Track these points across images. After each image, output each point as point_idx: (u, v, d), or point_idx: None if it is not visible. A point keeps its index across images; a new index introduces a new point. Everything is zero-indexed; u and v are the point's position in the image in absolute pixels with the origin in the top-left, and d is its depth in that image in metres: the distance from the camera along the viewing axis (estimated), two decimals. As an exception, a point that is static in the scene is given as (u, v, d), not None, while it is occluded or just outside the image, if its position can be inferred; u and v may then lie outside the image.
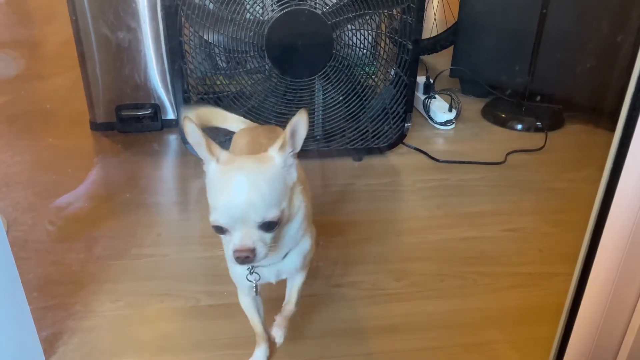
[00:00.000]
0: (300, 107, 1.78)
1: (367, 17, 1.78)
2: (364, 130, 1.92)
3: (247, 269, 0.96)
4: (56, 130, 2.19)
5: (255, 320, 1.10)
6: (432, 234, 1.58)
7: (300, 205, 0.92)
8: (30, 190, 1.76)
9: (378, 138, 1.94)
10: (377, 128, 1.93)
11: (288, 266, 1.00)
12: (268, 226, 0.83)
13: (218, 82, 1.80)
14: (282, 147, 0.86)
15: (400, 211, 1.74)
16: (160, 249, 1.48)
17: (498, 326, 1.25)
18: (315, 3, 1.68)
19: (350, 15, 1.72)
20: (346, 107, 1.87)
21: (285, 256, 0.97)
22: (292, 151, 0.88)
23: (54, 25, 3.12)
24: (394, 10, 1.80)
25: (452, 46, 2.58)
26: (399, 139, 1.97)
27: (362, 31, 1.80)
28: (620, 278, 0.80)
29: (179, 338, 1.21)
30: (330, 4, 1.70)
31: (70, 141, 2.11)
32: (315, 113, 1.87)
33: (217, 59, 1.76)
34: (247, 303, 1.08)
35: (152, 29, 1.98)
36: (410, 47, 1.78)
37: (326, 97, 1.84)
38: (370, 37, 1.82)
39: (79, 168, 1.89)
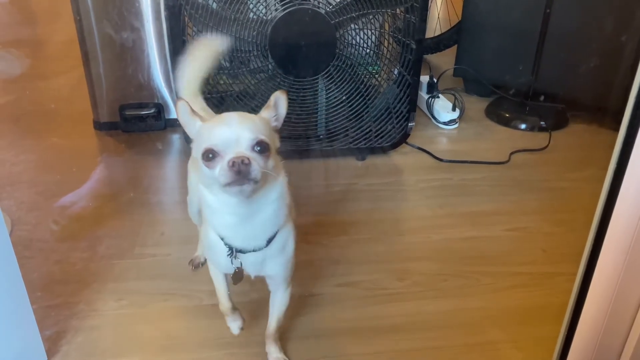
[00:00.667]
0: (304, 107, 1.81)
1: (371, 17, 1.78)
2: (367, 130, 1.92)
3: (228, 254, 0.96)
4: (60, 129, 2.20)
5: (221, 290, 1.10)
6: (435, 234, 1.58)
7: (282, 178, 0.94)
8: (34, 190, 1.76)
9: (381, 137, 1.94)
10: (381, 127, 1.92)
11: (273, 255, 0.98)
12: (260, 149, 0.84)
13: (221, 82, 1.80)
14: (267, 107, 0.92)
15: (402, 211, 1.74)
16: (164, 248, 1.49)
17: (501, 326, 1.25)
18: (319, 2, 1.68)
19: (353, 14, 1.72)
20: (349, 106, 1.87)
21: (269, 242, 0.95)
22: (275, 116, 0.93)
23: (57, 25, 3.12)
24: (398, 9, 1.80)
25: (456, 45, 2.57)
26: (402, 139, 1.97)
27: (365, 30, 1.79)
28: (624, 278, 0.80)
29: (182, 337, 1.21)
30: (334, 4, 1.70)
31: (73, 140, 2.11)
32: (319, 112, 1.87)
33: (220, 58, 1.76)
34: (218, 277, 1.08)
35: (156, 28, 1.98)
36: (414, 46, 1.78)
37: (329, 97, 1.84)
38: (373, 37, 1.82)
39: (82, 167, 1.89)
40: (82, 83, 2.11)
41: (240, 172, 0.81)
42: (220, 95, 1.78)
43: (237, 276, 1.00)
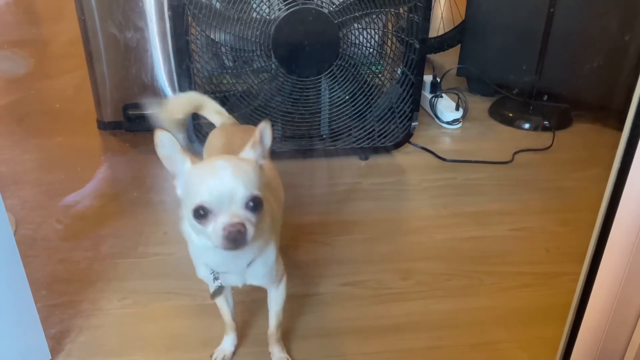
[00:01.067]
0: (307, 106, 1.81)
1: (374, 16, 1.78)
2: (370, 130, 1.92)
3: (211, 273, 0.96)
4: (64, 129, 2.21)
5: (224, 310, 1.12)
6: (439, 234, 1.58)
7: (267, 215, 0.92)
8: (38, 189, 1.77)
9: (384, 137, 1.94)
10: (384, 127, 1.92)
11: (253, 275, 0.99)
12: (254, 206, 0.82)
13: (225, 81, 1.80)
14: (254, 144, 0.87)
15: (406, 210, 1.74)
16: (167, 247, 1.49)
17: (505, 326, 1.25)
18: (322, 2, 1.68)
19: (356, 14, 1.72)
20: (352, 106, 1.87)
21: (249, 265, 0.95)
22: (261, 153, 0.89)
23: (61, 25, 3.13)
24: (401, 8, 1.80)
25: (459, 45, 2.57)
26: (406, 138, 1.97)
27: (368, 30, 1.79)
28: (628, 277, 0.80)
29: (186, 336, 1.21)
30: (337, 3, 1.70)
31: (77, 140, 2.12)
32: (322, 112, 1.87)
33: (224, 58, 1.76)
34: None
35: (159, 28, 1.99)
36: (417, 45, 1.78)
37: (332, 96, 1.84)
38: (376, 36, 1.82)
39: (86, 167, 1.90)
40: (86, 83, 2.11)
41: (235, 240, 0.79)
42: (223, 95, 1.79)
43: (217, 292, 1.00)
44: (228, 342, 1.17)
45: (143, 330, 1.24)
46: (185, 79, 1.74)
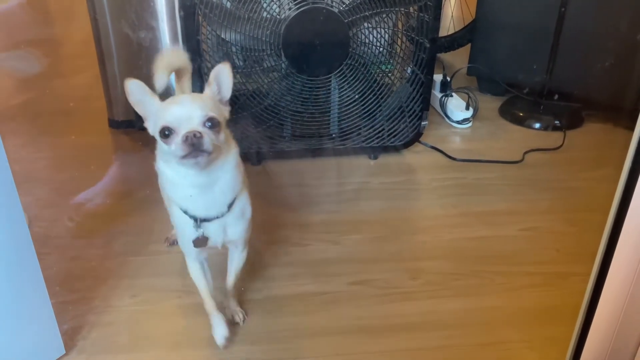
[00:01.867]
0: (317, 106, 1.82)
1: (384, 15, 1.78)
2: (380, 129, 1.92)
3: (194, 225, 1.04)
4: (76, 127, 2.23)
5: (202, 288, 1.16)
6: (448, 233, 1.58)
7: (234, 149, 1.04)
8: (50, 187, 1.79)
9: (394, 136, 1.94)
10: (393, 126, 1.92)
11: (233, 220, 1.07)
12: (211, 125, 0.94)
13: (235, 81, 1.80)
14: (209, 84, 1.01)
15: (416, 210, 1.74)
16: (177, 245, 1.50)
17: (514, 325, 1.25)
18: (332, 1, 1.69)
19: (367, 13, 1.72)
20: (362, 105, 1.87)
21: (230, 207, 1.05)
22: (217, 90, 1.02)
23: (73, 25, 3.16)
24: (411, 8, 1.80)
25: (470, 44, 2.56)
26: (415, 138, 1.97)
27: (378, 29, 1.79)
28: (638, 278, 0.79)
29: (195, 333, 1.22)
30: (347, 2, 1.70)
31: (89, 138, 2.14)
32: (331, 111, 1.88)
33: (234, 57, 1.77)
34: (196, 270, 1.16)
35: (170, 28, 2.00)
36: (428, 45, 1.78)
37: (342, 96, 1.85)
38: (386, 35, 1.82)
39: (98, 165, 1.91)
40: (98, 82, 2.13)
41: (193, 144, 0.91)
42: (233, 94, 1.79)
43: (200, 242, 1.07)
44: (219, 326, 1.16)
45: (153, 327, 1.25)
46: (196, 78, 1.75)
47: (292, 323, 1.24)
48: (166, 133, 0.93)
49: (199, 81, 1.76)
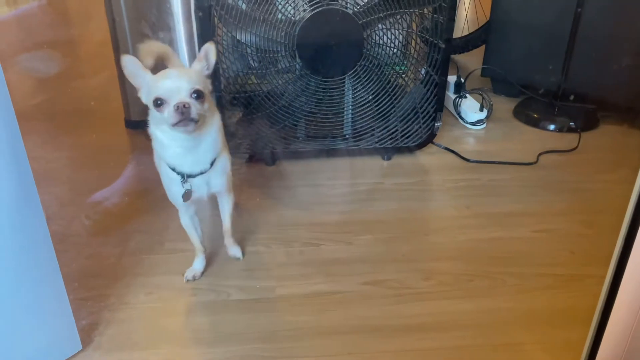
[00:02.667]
0: (331, 106, 1.83)
1: (398, 17, 1.78)
2: (394, 130, 1.92)
3: (181, 180, 1.21)
4: (93, 127, 2.26)
5: (194, 236, 1.38)
6: (461, 234, 1.57)
7: (217, 115, 1.21)
8: (67, 186, 1.82)
9: (408, 137, 1.94)
10: (407, 127, 1.92)
11: (215, 175, 1.25)
12: (197, 96, 1.09)
13: (249, 82, 1.82)
14: (198, 59, 1.16)
15: (429, 210, 1.74)
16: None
17: (528, 327, 1.24)
18: (347, 3, 1.69)
19: (381, 14, 1.72)
20: (376, 106, 1.88)
21: (212, 164, 1.22)
22: (206, 66, 1.17)
23: (91, 26, 3.20)
24: (425, 9, 1.80)
25: (484, 45, 2.55)
26: (429, 139, 1.97)
27: (392, 30, 1.80)
28: (654, 280, 0.79)
29: (210, 331, 1.24)
30: (361, 4, 1.71)
31: (106, 138, 2.17)
32: (345, 112, 1.88)
33: (249, 58, 1.78)
34: (187, 221, 1.36)
35: (186, 29, 2.02)
36: (442, 46, 1.78)
37: (356, 96, 1.85)
38: (400, 37, 1.82)
39: (114, 164, 1.94)
40: (114, 82, 2.16)
41: (182, 113, 1.07)
42: (248, 95, 1.81)
43: (187, 196, 1.24)
44: (198, 263, 1.41)
45: (168, 324, 1.27)
46: (211, 79, 1.77)
47: (304, 322, 1.25)
48: (159, 103, 1.09)
49: (217, 80, 1.77)
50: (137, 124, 2.18)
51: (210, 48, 1.17)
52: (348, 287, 1.36)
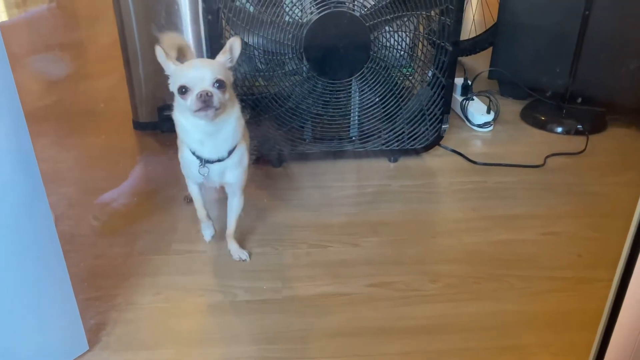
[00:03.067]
0: (337, 108, 1.83)
1: (405, 19, 1.78)
2: (400, 132, 1.92)
3: (199, 165, 1.28)
4: (101, 128, 2.28)
5: (199, 204, 1.43)
6: (468, 236, 1.57)
7: (237, 105, 1.27)
8: (76, 186, 1.83)
9: (414, 139, 1.94)
10: (414, 129, 1.92)
11: (231, 166, 1.31)
12: (219, 86, 1.16)
13: (257, 84, 1.83)
14: (223, 52, 1.23)
15: (435, 213, 1.74)
16: (200, 245, 1.52)
17: (534, 330, 1.24)
18: (354, 5, 1.70)
19: (388, 17, 1.73)
20: (382, 108, 1.88)
21: (230, 153, 1.28)
22: (230, 58, 1.23)
23: (100, 28, 3.23)
24: (433, 11, 1.80)
25: (491, 47, 2.55)
26: (436, 141, 1.97)
27: (399, 33, 1.80)
28: (661, 283, 0.79)
29: (217, 332, 1.24)
30: (369, 6, 1.71)
31: (114, 139, 2.18)
32: (352, 114, 1.89)
33: (257, 61, 1.79)
34: (195, 190, 1.41)
35: (194, 31, 2.03)
36: (449, 48, 1.78)
37: (363, 98, 1.86)
38: (407, 39, 1.82)
39: (122, 165, 1.95)
40: (123, 84, 2.18)
41: (205, 101, 1.14)
42: (255, 97, 1.82)
43: (203, 172, 1.30)
44: (207, 230, 1.46)
45: (175, 325, 1.27)
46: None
47: (310, 323, 1.26)
48: (183, 90, 1.16)
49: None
50: (145, 125, 2.20)
51: (235, 42, 1.23)
52: (354, 289, 1.36)
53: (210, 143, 1.26)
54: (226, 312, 1.30)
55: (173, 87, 1.20)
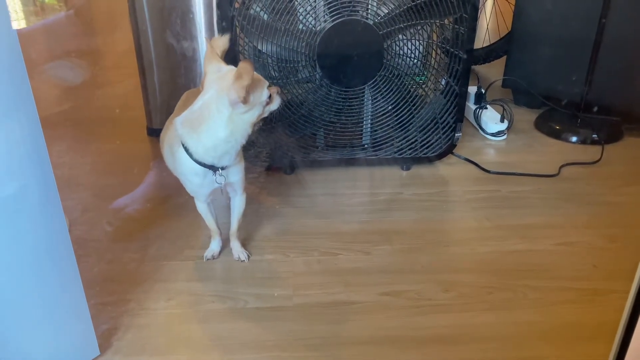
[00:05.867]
0: (350, 116, 1.83)
1: (419, 27, 1.78)
2: (413, 140, 1.91)
3: (215, 174, 1.30)
4: (115, 135, 2.30)
5: (209, 220, 1.47)
6: (481, 246, 1.56)
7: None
8: (90, 192, 1.85)
9: (427, 148, 1.93)
10: (427, 138, 1.92)
11: (233, 174, 1.35)
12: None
13: (270, 91, 1.83)
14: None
15: (448, 222, 1.72)
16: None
17: (549, 340, 1.22)
18: (367, 13, 1.70)
19: (401, 25, 1.73)
20: (395, 116, 1.88)
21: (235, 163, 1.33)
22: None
23: (116, 36, 3.27)
24: (446, 20, 1.79)
25: (505, 56, 2.54)
26: (449, 149, 1.96)
27: (413, 41, 1.80)
28: (681, 294, 0.77)
29: (228, 338, 1.24)
30: (382, 15, 1.72)
31: (128, 145, 2.20)
32: (364, 122, 1.89)
33: (270, 68, 1.80)
34: (203, 208, 1.44)
35: (209, 38, 2.05)
36: (463, 56, 1.77)
37: (375, 106, 1.85)
38: (421, 47, 1.82)
39: (136, 171, 1.97)
40: (137, 91, 2.20)
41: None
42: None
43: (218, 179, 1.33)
44: (215, 244, 1.50)
45: (187, 330, 1.27)
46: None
47: (321, 331, 1.25)
48: (270, 96, 1.26)
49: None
50: (159, 132, 2.21)
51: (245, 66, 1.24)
52: (366, 298, 1.35)
53: (233, 152, 1.28)
54: (237, 318, 1.30)
55: (257, 99, 1.23)
